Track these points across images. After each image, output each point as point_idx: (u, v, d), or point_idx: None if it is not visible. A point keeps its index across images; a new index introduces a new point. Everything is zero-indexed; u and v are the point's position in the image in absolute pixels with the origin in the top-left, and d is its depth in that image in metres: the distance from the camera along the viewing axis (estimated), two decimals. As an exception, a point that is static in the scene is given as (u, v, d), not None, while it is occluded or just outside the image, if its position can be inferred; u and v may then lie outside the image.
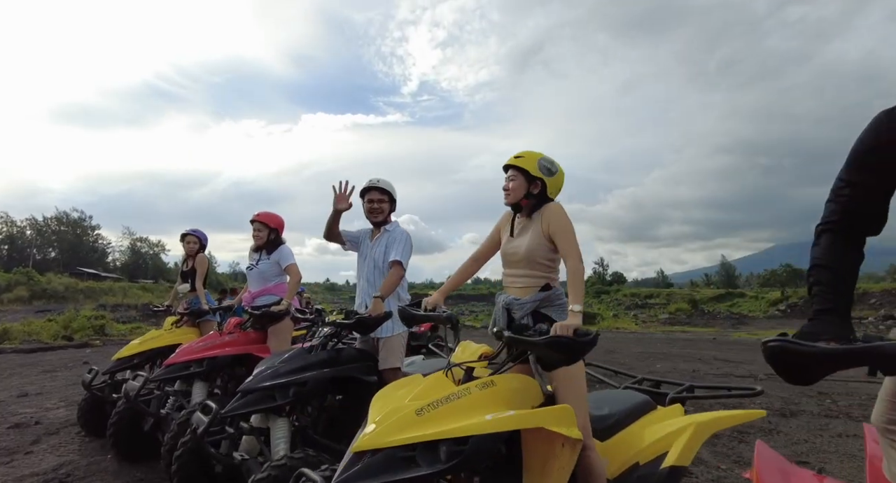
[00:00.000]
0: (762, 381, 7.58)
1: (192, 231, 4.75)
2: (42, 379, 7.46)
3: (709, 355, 10.53)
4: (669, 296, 39.18)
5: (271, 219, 3.69)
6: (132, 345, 4.07)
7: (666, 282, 52.91)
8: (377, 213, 2.97)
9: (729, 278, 48.23)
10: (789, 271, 36.25)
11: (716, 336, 16.25)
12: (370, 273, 2.90)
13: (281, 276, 3.67)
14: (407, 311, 2.03)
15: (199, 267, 4.62)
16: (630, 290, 42.79)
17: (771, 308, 28.87)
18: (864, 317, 22.72)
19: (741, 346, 12.67)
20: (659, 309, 32.56)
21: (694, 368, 8.53)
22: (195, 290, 4.58)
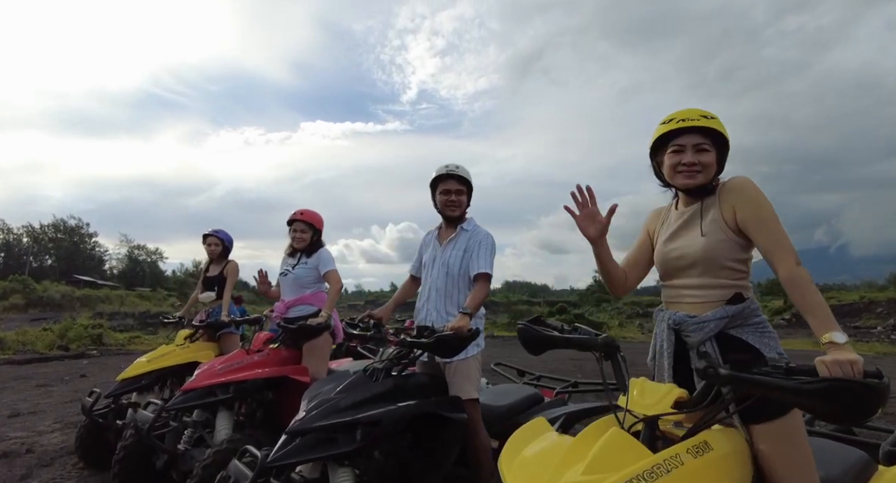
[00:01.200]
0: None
1: (215, 232, 4.23)
2: (36, 395, 6.86)
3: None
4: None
5: (316, 218, 3.19)
6: (139, 363, 3.52)
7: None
8: (454, 207, 2.45)
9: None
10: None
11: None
12: (441, 281, 2.37)
13: (319, 283, 3.17)
14: None
15: (231, 274, 4.09)
16: (631, 298, 42.32)
17: (775, 317, 28.40)
18: (872, 326, 22.32)
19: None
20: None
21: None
22: (219, 299, 4.03)
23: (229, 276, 4.12)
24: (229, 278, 4.11)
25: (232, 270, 4.14)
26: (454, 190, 2.43)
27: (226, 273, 4.15)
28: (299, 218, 3.17)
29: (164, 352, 3.62)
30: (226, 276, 4.15)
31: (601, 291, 50.58)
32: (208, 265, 4.26)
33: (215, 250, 4.21)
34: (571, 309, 31.07)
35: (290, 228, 3.25)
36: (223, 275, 4.15)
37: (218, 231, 4.27)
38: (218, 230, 4.28)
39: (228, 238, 4.28)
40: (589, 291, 45.90)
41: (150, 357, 3.56)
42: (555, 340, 1.40)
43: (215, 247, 4.21)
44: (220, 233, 4.27)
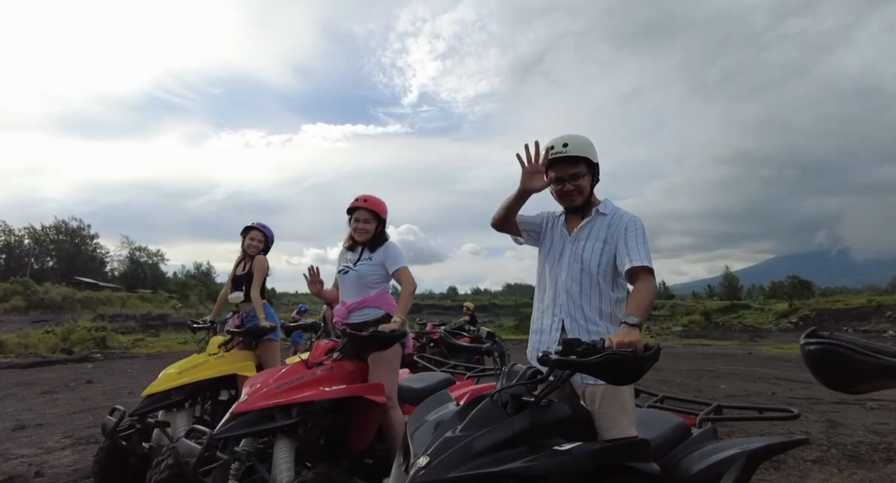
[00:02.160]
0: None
1: (258, 225, 3.72)
2: (41, 403, 6.34)
3: (766, 373, 9.54)
4: (674, 307, 38.40)
5: (381, 206, 2.71)
6: (168, 375, 3.01)
7: (668, 293, 51.98)
8: (574, 195, 1.87)
9: (732, 290, 47.36)
10: (795, 282, 35.38)
11: (750, 351, 15.28)
12: (572, 279, 1.80)
13: (385, 282, 2.68)
14: None
15: (258, 270, 3.54)
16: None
17: (782, 320, 28.02)
18: (882, 330, 21.91)
19: (789, 364, 11.71)
20: (670, 321, 31.68)
21: (772, 391, 7.50)
22: (250, 300, 3.53)
23: (256, 272, 3.57)
24: (256, 275, 3.56)
25: (259, 266, 3.58)
26: (568, 175, 1.85)
27: (254, 269, 3.61)
28: (362, 205, 2.67)
29: (196, 362, 3.10)
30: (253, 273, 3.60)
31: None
32: (241, 261, 3.74)
33: (257, 246, 3.68)
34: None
35: (349, 218, 2.75)
36: (251, 272, 3.61)
37: (262, 225, 3.75)
38: (262, 224, 3.76)
39: (271, 234, 3.78)
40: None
41: (180, 368, 3.03)
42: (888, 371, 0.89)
43: (257, 242, 3.68)
44: (265, 227, 3.75)
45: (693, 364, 11.52)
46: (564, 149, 1.85)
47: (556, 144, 1.87)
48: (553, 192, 1.93)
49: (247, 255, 3.71)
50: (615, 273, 1.81)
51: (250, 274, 3.60)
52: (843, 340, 0.94)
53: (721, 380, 8.76)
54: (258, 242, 3.70)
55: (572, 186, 1.86)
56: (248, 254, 3.69)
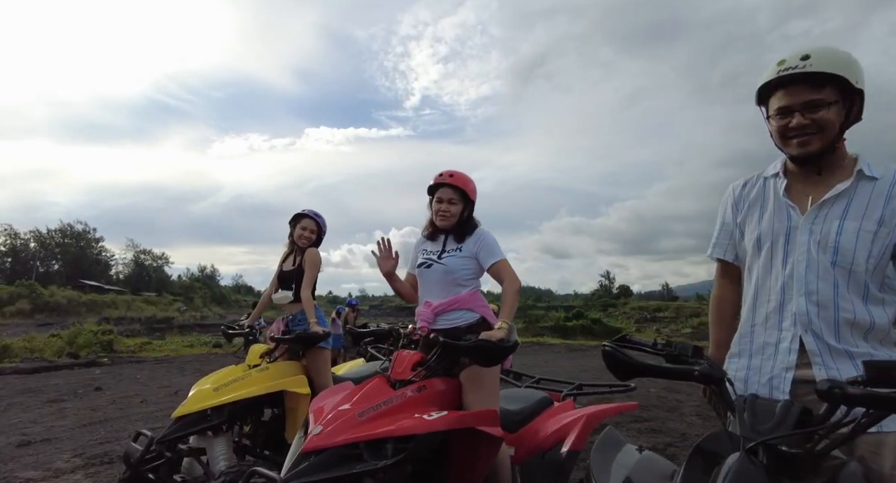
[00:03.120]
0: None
1: (310, 212, 3.14)
2: (47, 414, 5.80)
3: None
4: (678, 309, 37.87)
5: (470, 185, 2.16)
6: (202, 392, 2.46)
7: (671, 295, 51.47)
8: (810, 133, 1.23)
9: (736, 292, 46.66)
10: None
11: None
12: (818, 276, 1.21)
13: (477, 278, 2.15)
14: None
15: (310, 266, 2.96)
16: (637, 304, 41.37)
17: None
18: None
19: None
20: (675, 323, 31.16)
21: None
22: (299, 301, 2.93)
23: (308, 267, 2.96)
24: (308, 271, 2.96)
25: (311, 261, 2.98)
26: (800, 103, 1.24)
27: (304, 264, 2.99)
28: (447, 181, 2.11)
29: (236, 375, 2.56)
30: (304, 269, 2.99)
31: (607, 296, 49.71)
32: (289, 255, 3.15)
33: (308, 237, 3.08)
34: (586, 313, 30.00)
35: (431, 198, 2.19)
36: (302, 267, 3.01)
37: (314, 212, 3.15)
38: (315, 212, 3.15)
39: (325, 223, 3.20)
40: (595, 296, 44.93)
41: (216, 382, 2.51)
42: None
43: (309, 233, 3.07)
44: (318, 216, 3.15)
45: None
46: (803, 63, 1.21)
47: (790, 59, 1.23)
48: (773, 131, 1.30)
49: (296, 247, 3.11)
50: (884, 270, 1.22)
51: (300, 270, 2.99)
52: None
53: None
54: (310, 233, 3.08)
55: (807, 120, 1.21)
56: (299, 246, 3.10)
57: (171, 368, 11.84)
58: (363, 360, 3.55)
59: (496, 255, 2.10)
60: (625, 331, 23.63)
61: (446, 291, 2.09)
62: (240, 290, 78.74)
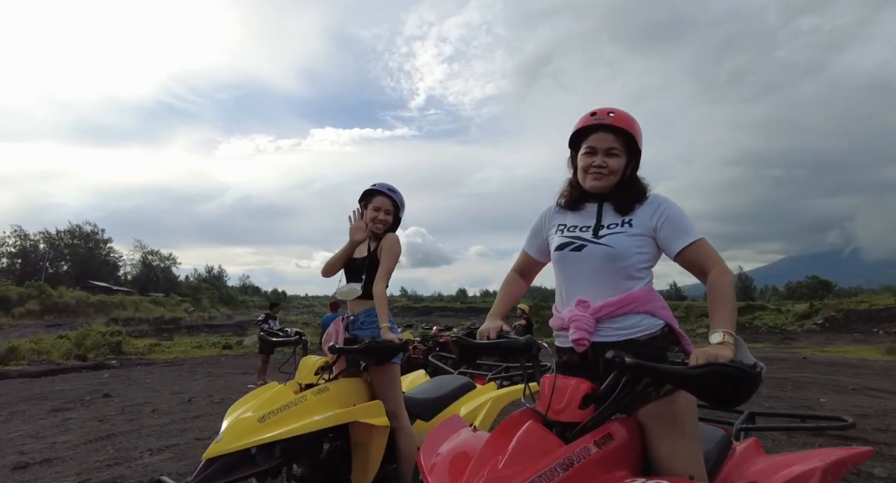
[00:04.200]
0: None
1: (385, 188, 2.40)
2: (51, 426, 5.23)
3: (853, 383, 8.35)
4: (688, 308, 37.21)
5: (636, 128, 1.47)
6: (244, 422, 1.79)
7: (679, 294, 50.64)
8: None
9: (746, 291, 45.93)
10: (815, 282, 33.94)
11: (804, 356, 14.06)
12: None
13: (651, 266, 1.45)
14: None
15: (388, 255, 2.26)
16: (646, 303, 40.65)
17: (804, 321, 26.76)
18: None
19: (868, 371, 10.52)
20: (687, 322, 30.49)
21: (886, 405, 6.32)
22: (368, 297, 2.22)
23: (385, 257, 2.24)
24: (385, 261, 2.23)
25: (391, 250, 2.26)
26: None
27: (380, 252, 2.27)
28: (606, 121, 1.43)
29: (285, 399, 1.90)
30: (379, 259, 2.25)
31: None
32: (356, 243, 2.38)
33: (384, 220, 2.34)
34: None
35: (575, 151, 1.51)
36: (377, 256, 2.28)
37: (390, 188, 2.41)
38: (390, 187, 2.41)
39: (403, 201, 2.45)
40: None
41: (261, 409, 1.86)
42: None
43: (385, 214, 2.34)
44: (395, 191, 2.40)
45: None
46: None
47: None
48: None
49: (371, 233, 2.39)
50: None
51: (374, 260, 2.28)
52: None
53: (806, 390, 7.60)
54: (385, 214, 2.33)
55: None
56: (373, 231, 2.38)
57: (182, 372, 11.27)
58: (424, 372, 2.94)
59: (690, 234, 1.37)
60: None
61: (610, 286, 1.37)
62: (247, 291, 78.34)
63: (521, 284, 1.66)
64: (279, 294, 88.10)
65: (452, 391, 2.37)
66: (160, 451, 4.07)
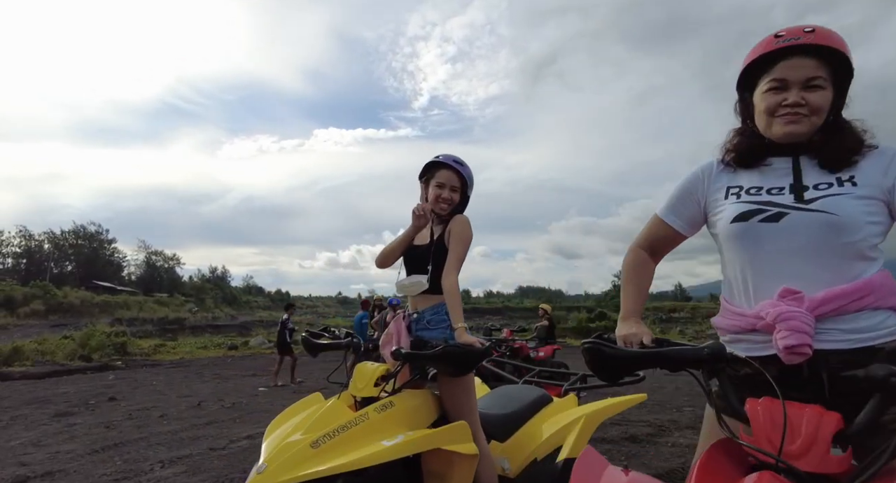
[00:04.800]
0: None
1: (450, 160, 1.93)
2: (54, 433, 4.87)
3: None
4: (694, 310, 36.80)
5: (846, 46, 1.03)
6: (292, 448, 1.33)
7: (684, 295, 50.04)
8: None
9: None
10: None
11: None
12: None
13: (880, 243, 1.00)
14: None
15: (458, 241, 1.83)
16: (651, 304, 40.25)
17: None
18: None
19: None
20: (694, 323, 30.12)
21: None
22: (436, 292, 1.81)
23: (456, 243, 1.82)
24: (455, 248, 1.81)
25: (461, 233, 1.84)
26: None
27: (447, 238, 1.85)
28: (804, 41, 1.02)
29: (342, 418, 1.48)
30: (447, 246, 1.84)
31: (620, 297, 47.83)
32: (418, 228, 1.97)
33: (449, 200, 1.89)
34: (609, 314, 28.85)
35: (749, 94, 1.13)
36: (443, 242, 1.86)
37: (457, 159, 1.94)
38: (456, 158, 1.95)
39: (471, 176, 1.98)
40: (608, 297, 43.71)
41: (312, 429, 1.44)
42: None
43: (450, 191, 1.89)
44: (462, 163, 1.94)
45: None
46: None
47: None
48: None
49: (436, 215, 1.93)
50: None
51: (441, 246, 1.85)
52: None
53: None
54: (451, 191, 1.88)
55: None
56: (436, 211, 1.91)
57: (189, 373, 10.92)
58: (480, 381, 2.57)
59: None
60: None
61: (832, 270, 0.98)
62: (250, 291, 77.92)
63: (652, 268, 1.28)
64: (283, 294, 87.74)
65: (528, 405, 1.99)
66: (172, 462, 3.72)
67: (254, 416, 5.65)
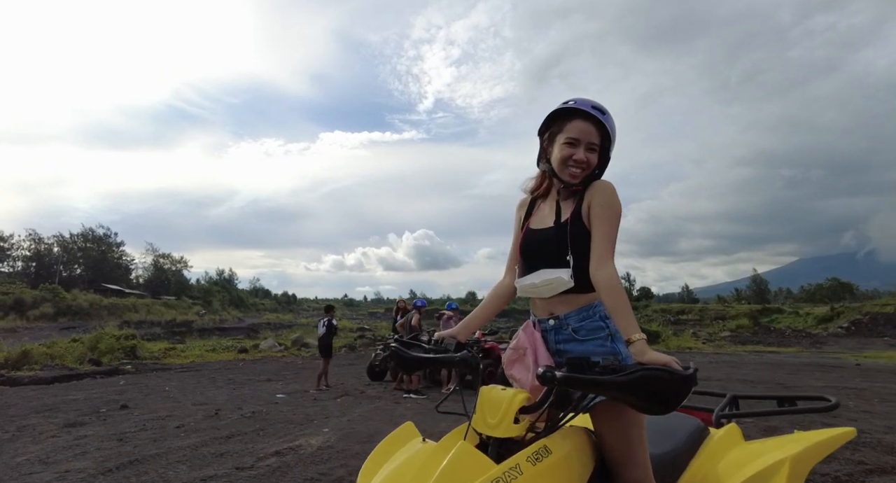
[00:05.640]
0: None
1: (588, 104, 1.36)
2: (63, 447, 4.45)
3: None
4: (702, 312, 36.23)
5: None
6: None
7: (691, 297, 49.37)
8: None
9: (761, 293, 44.57)
10: (835, 285, 32.72)
11: (858, 362, 13.10)
12: None
13: None
14: None
15: (605, 217, 1.30)
16: (658, 306, 39.64)
17: (827, 325, 25.73)
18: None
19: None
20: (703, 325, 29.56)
21: None
22: (585, 290, 1.30)
23: (601, 220, 1.32)
24: (602, 222, 1.32)
25: (608, 205, 1.33)
26: None
27: (585, 213, 1.35)
28: None
29: (478, 470, 0.99)
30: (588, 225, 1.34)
31: (627, 299, 47.16)
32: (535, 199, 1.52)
33: (584, 162, 1.35)
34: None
35: None
36: (581, 219, 1.35)
37: (596, 105, 1.37)
38: (595, 103, 1.38)
39: (614, 127, 1.40)
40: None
41: None
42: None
43: (586, 150, 1.35)
44: (602, 109, 1.38)
45: (820, 378, 9.45)
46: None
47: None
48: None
49: (563, 184, 1.41)
50: None
51: (580, 226, 1.35)
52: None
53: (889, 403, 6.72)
54: (588, 151, 1.36)
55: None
56: (563, 179, 1.39)
57: (201, 378, 10.48)
58: None
59: None
60: (662, 335, 22.15)
61: None
62: (257, 294, 77.67)
63: None
64: (289, 296, 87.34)
65: (686, 441, 1.53)
66: (196, 485, 3.29)
67: (277, 427, 5.21)
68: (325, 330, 9.16)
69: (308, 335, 22.44)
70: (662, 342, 21.21)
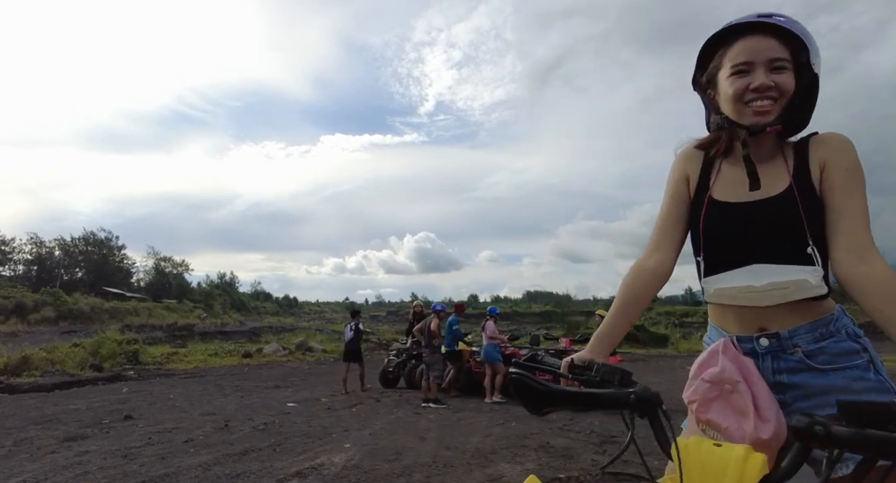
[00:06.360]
0: None
1: (760, 16, 0.94)
2: (63, 466, 4.05)
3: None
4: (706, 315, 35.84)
5: None
6: None
7: (695, 300, 48.98)
8: None
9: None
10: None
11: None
12: None
13: None
14: None
15: (854, 181, 0.90)
16: (662, 309, 39.26)
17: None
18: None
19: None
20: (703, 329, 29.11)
21: None
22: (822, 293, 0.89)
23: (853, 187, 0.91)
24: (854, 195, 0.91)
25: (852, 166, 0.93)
26: None
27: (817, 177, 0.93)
28: None
29: None
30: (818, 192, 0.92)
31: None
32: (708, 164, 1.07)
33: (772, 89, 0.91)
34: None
35: None
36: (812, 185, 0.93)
37: (791, 20, 0.92)
38: (785, 16, 0.92)
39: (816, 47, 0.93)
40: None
41: None
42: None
43: (774, 74, 0.91)
44: (796, 24, 0.92)
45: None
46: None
47: None
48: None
49: (750, 133, 0.94)
50: None
51: (812, 197, 0.91)
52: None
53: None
54: (773, 73, 0.91)
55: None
56: (746, 125, 0.94)
57: (207, 385, 10.07)
58: None
59: None
60: (670, 338, 21.71)
61: None
62: (258, 297, 77.18)
63: None
64: (290, 300, 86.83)
65: None
66: (213, 515, 2.89)
67: (294, 442, 4.81)
68: (352, 334, 8.92)
69: (312, 339, 22.02)
70: (672, 346, 20.81)
